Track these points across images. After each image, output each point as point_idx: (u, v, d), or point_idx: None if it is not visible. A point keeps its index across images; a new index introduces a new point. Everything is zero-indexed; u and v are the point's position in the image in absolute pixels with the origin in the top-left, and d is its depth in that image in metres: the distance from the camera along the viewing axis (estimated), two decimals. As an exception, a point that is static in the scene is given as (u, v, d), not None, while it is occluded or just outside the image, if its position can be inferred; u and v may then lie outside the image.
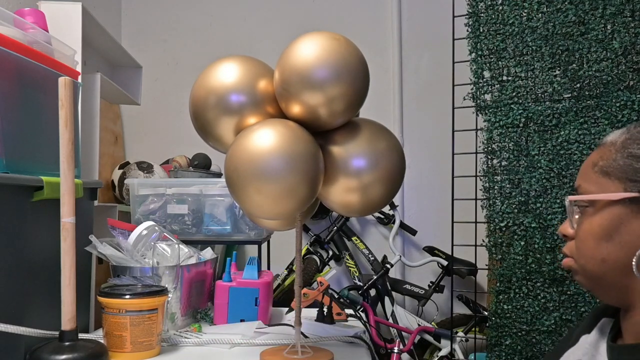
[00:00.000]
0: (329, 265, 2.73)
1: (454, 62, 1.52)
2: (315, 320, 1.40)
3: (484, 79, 1.46)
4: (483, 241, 1.49)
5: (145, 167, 2.10)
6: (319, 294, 1.43)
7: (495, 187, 1.45)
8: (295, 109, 0.97)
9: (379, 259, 2.71)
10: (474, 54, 1.46)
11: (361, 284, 2.60)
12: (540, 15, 1.41)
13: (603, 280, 0.72)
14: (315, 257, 2.71)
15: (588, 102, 1.38)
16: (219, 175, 2.00)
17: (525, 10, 1.42)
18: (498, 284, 1.47)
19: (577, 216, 0.74)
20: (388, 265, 2.64)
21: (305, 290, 1.45)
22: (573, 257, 0.75)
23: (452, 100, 1.52)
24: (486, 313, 1.96)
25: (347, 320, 1.43)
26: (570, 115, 1.39)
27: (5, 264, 0.98)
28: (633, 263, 0.67)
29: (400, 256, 2.68)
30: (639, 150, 0.69)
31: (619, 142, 0.72)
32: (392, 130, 1.07)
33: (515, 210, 1.43)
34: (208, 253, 1.52)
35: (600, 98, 1.37)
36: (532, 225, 1.41)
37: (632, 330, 0.72)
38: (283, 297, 2.55)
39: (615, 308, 0.77)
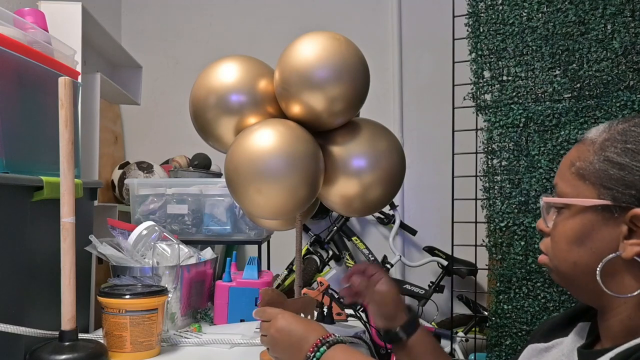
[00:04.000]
0: (329, 265, 2.73)
1: (454, 62, 1.52)
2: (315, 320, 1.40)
3: (484, 79, 1.46)
4: (483, 241, 1.49)
5: (145, 167, 2.10)
6: (319, 294, 1.43)
7: (495, 187, 1.45)
8: (296, 109, 0.97)
9: (379, 259, 2.71)
10: (474, 54, 1.46)
11: (361, 284, 2.59)
12: (540, 15, 1.41)
13: (575, 282, 0.71)
14: (315, 257, 2.71)
15: (588, 102, 1.38)
16: (219, 175, 2.00)
17: (525, 10, 1.42)
18: (498, 284, 1.47)
19: (554, 215, 0.72)
20: (388, 265, 2.64)
21: (305, 290, 1.45)
22: (548, 255, 0.74)
23: (452, 100, 1.52)
24: (486, 313, 1.96)
25: (347, 320, 1.43)
26: (570, 115, 1.38)
27: (5, 264, 0.98)
28: (597, 271, 0.66)
29: (400, 256, 2.68)
30: (615, 155, 0.66)
31: (598, 142, 0.68)
32: (392, 130, 1.07)
33: (515, 210, 1.43)
34: (208, 253, 1.52)
35: (600, 98, 1.37)
36: (532, 225, 1.41)
37: (607, 334, 0.69)
38: (283, 297, 2.54)
39: (594, 311, 0.74)
